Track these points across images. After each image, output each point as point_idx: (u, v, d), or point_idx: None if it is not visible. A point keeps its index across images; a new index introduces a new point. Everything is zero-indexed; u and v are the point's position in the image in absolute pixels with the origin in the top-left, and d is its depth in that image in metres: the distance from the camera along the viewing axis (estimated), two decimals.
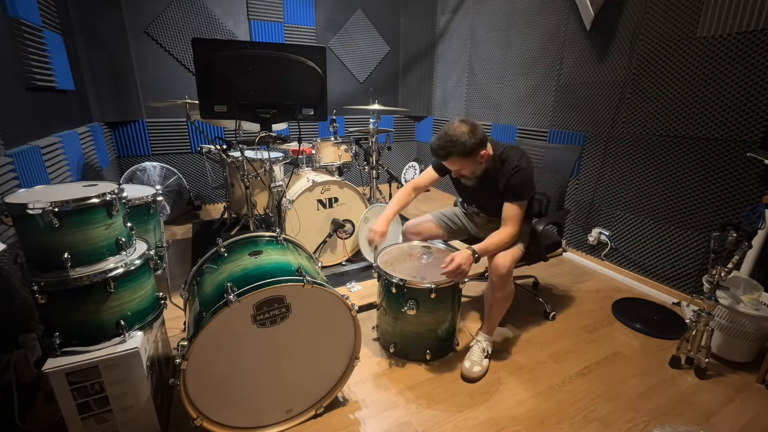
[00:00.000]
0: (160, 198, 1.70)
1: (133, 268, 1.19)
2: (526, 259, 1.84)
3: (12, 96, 1.74)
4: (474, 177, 1.65)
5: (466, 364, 1.62)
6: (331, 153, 2.77)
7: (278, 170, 2.85)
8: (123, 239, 1.20)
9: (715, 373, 1.66)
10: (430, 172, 1.85)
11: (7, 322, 1.37)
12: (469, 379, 1.60)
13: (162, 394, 1.36)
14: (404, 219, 3.48)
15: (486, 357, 1.67)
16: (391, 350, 1.72)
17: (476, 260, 1.56)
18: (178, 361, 1.09)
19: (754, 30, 1.81)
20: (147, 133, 3.44)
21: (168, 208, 3.24)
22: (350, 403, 1.47)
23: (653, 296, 2.30)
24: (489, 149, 1.59)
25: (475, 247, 1.58)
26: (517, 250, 1.67)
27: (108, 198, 1.14)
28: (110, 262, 1.16)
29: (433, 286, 1.56)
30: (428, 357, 1.68)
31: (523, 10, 3.08)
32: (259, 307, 1.17)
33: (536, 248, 1.79)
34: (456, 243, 2.02)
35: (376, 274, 1.71)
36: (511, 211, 1.62)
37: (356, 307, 1.33)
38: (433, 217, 1.98)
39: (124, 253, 1.21)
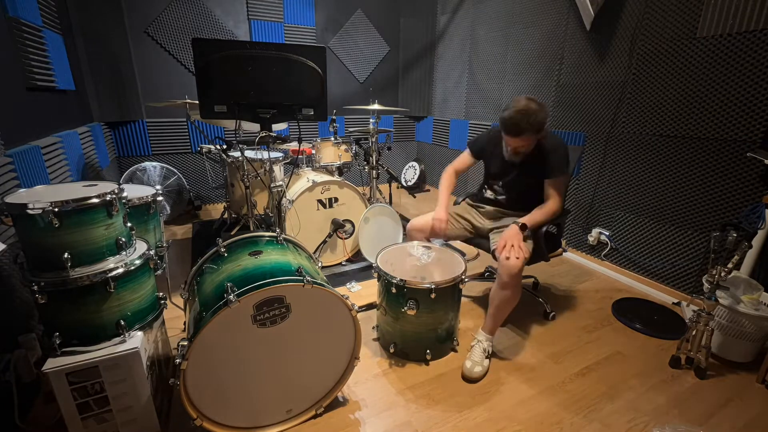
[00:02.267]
0: (160, 198, 1.70)
1: (133, 268, 1.20)
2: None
3: (12, 96, 1.74)
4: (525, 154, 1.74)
5: (467, 364, 1.62)
6: (331, 153, 2.78)
7: (278, 170, 2.85)
8: (123, 239, 1.20)
9: (715, 373, 1.66)
10: (467, 157, 1.96)
11: (7, 322, 1.37)
12: (470, 380, 1.60)
13: (162, 394, 1.36)
14: (405, 219, 3.48)
15: (487, 357, 1.67)
16: (391, 350, 1.72)
17: (525, 232, 1.65)
18: (178, 361, 1.09)
19: (754, 30, 1.81)
20: (147, 133, 3.44)
21: (168, 208, 3.24)
22: (350, 403, 1.47)
23: (653, 296, 2.30)
24: None
25: (522, 219, 1.65)
26: (529, 250, 1.68)
27: (108, 198, 1.14)
28: (110, 262, 1.16)
29: (433, 286, 1.56)
30: (428, 357, 1.68)
31: (523, 10, 3.08)
32: (259, 307, 1.17)
33: (538, 248, 1.79)
34: (458, 244, 2.02)
35: (376, 274, 1.71)
36: (556, 185, 1.73)
37: (356, 307, 1.33)
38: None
39: (124, 253, 1.21)
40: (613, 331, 1.96)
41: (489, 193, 1.98)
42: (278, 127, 3.19)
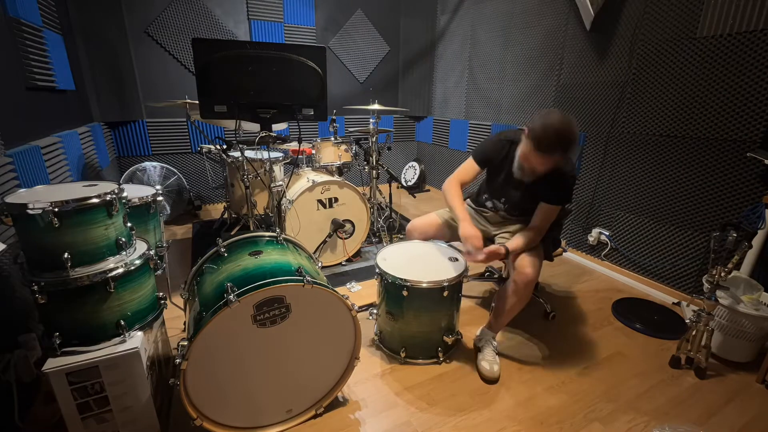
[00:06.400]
0: (160, 198, 1.70)
1: (133, 268, 1.19)
2: None
3: (12, 96, 1.74)
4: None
5: (485, 365, 1.61)
6: (331, 153, 2.77)
7: (278, 170, 2.85)
8: (123, 239, 1.20)
9: (715, 373, 1.66)
10: (472, 166, 1.74)
11: (7, 322, 1.37)
12: (492, 380, 1.59)
13: (162, 394, 1.36)
14: (405, 219, 3.48)
15: (497, 354, 1.68)
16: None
17: (506, 256, 1.59)
18: (178, 361, 1.09)
19: (754, 30, 1.81)
20: (147, 133, 3.44)
21: (168, 208, 3.24)
22: (350, 403, 1.47)
23: (653, 296, 2.30)
24: None
25: (509, 245, 1.59)
26: (541, 255, 1.68)
27: (108, 198, 1.13)
28: (110, 262, 1.16)
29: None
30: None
31: (523, 10, 3.08)
32: (259, 307, 1.17)
33: (543, 249, 1.79)
34: (458, 244, 2.02)
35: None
36: (548, 212, 1.62)
37: (356, 307, 1.33)
38: (438, 216, 1.96)
39: (124, 253, 1.21)
40: (613, 331, 1.96)
41: (489, 204, 1.88)
42: (278, 127, 3.19)
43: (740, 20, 1.85)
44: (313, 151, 2.76)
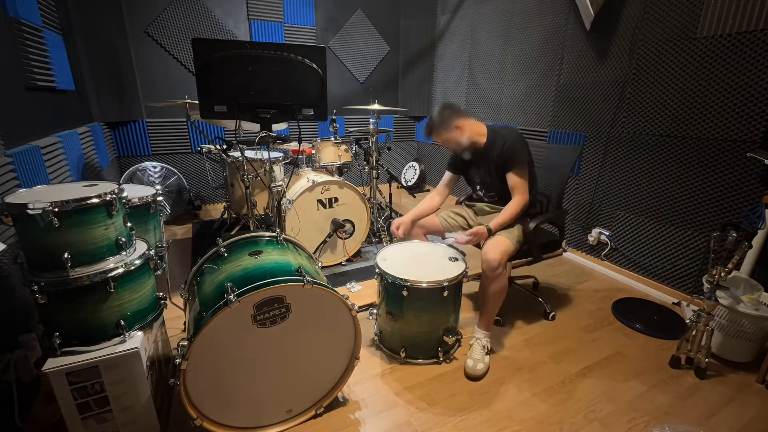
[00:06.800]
0: (160, 198, 1.70)
1: (133, 268, 1.19)
2: (524, 259, 1.84)
3: (12, 96, 1.74)
4: (465, 149, 1.83)
5: (469, 363, 1.62)
6: (331, 153, 2.77)
7: (278, 170, 2.85)
8: (123, 239, 1.20)
9: (715, 373, 1.66)
10: (446, 174, 2.02)
11: (7, 322, 1.37)
12: (473, 377, 1.60)
13: (162, 394, 1.36)
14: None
15: (486, 353, 1.68)
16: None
17: (490, 235, 1.73)
18: (178, 361, 1.09)
19: (754, 30, 1.81)
20: (147, 133, 3.44)
21: (168, 208, 3.24)
22: (350, 403, 1.47)
23: (653, 296, 2.30)
24: (469, 121, 1.79)
25: (490, 224, 1.71)
26: (508, 242, 1.70)
27: (108, 198, 1.13)
28: (110, 262, 1.16)
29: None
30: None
31: (523, 10, 3.08)
32: (259, 307, 1.17)
33: (530, 248, 1.79)
34: (456, 237, 2.02)
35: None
36: (513, 180, 1.74)
37: (356, 307, 1.33)
38: (435, 214, 2.02)
39: (124, 253, 1.21)
40: (613, 331, 1.96)
41: (474, 195, 2.04)
42: (278, 127, 3.19)
43: (740, 20, 1.85)
44: (313, 151, 2.76)
